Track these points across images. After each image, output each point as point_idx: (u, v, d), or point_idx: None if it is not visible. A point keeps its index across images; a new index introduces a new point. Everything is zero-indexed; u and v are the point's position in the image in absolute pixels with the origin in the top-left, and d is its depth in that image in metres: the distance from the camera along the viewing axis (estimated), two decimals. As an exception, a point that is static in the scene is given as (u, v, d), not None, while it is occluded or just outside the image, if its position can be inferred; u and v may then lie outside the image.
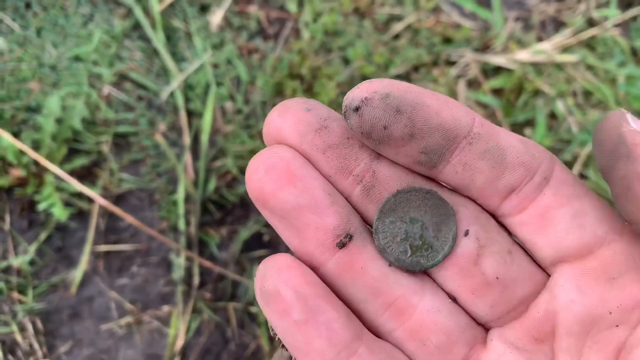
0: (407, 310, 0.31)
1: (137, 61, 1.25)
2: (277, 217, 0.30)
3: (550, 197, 0.31)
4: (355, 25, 1.31)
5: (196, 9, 1.29)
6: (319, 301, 0.30)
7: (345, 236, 0.30)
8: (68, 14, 1.27)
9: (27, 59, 1.21)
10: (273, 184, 0.29)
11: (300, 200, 0.29)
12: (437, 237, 0.31)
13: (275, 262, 0.30)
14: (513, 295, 0.32)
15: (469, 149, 0.30)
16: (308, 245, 0.30)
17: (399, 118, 0.29)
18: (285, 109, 0.30)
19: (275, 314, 0.30)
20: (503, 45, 1.34)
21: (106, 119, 1.19)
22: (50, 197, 1.08)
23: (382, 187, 0.31)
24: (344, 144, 0.30)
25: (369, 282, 0.31)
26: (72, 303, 1.11)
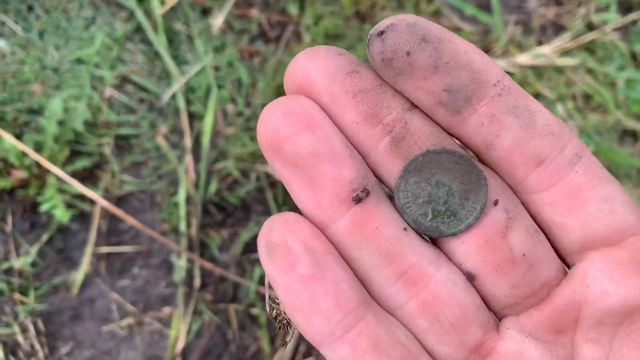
0: (421, 280, 0.29)
1: (138, 64, 1.26)
2: (290, 165, 0.27)
3: (582, 176, 0.29)
4: (356, 28, 1.32)
5: (198, 12, 1.30)
6: (328, 257, 0.28)
7: (362, 190, 0.28)
8: (70, 17, 1.27)
9: (30, 61, 1.22)
10: (290, 128, 0.27)
11: (318, 147, 0.27)
12: (463, 206, 0.29)
13: (284, 216, 0.28)
14: (536, 277, 0.30)
15: (497, 99, 0.28)
16: (322, 197, 0.28)
17: (424, 46, 0.27)
18: (315, 51, 0.28)
19: (280, 268, 0.27)
20: (503, 48, 1.34)
21: (108, 121, 1.20)
22: (52, 198, 1.09)
23: (412, 140, 0.28)
24: (376, 90, 0.28)
25: (383, 245, 0.28)
26: (73, 304, 1.11)
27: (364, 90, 0.27)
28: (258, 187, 1.19)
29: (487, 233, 0.29)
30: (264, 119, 0.27)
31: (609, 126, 1.33)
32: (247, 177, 1.20)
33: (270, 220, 0.28)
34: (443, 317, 0.29)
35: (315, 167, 0.27)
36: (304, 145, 0.27)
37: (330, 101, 0.28)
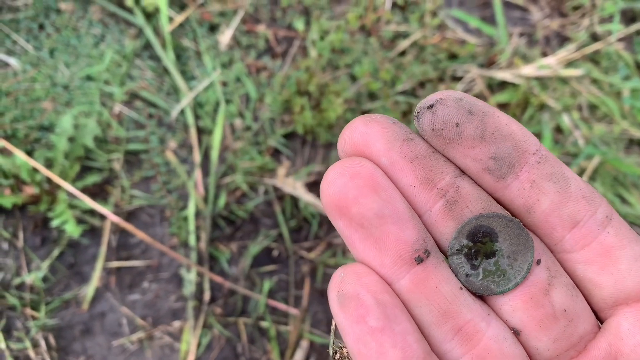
0: (475, 336, 0.31)
1: (147, 80, 1.27)
2: (355, 226, 0.29)
3: (613, 236, 0.31)
4: (362, 42, 1.33)
5: (205, 29, 1.32)
6: (396, 310, 0.29)
7: (424, 251, 0.30)
8: (80, 35, 1.30)
9: (41, 79, 1.24)
10: (357, 190, 0.29)
11: (384, 209, 0.29)
12: (512, 266, 0.31)
13: (355, 268, 0.30)
14: (576, 330, 0.32)
15: (537, 167, 0.30)
16: (385, 257, 0.29)
17: (471, 118, 0.29)
18: (372, 118, 0.30)
19: (351, 319, 0.29)
20: (508, 60, 1.35)
21: (118, 137, 1.21)
22: (63, 214, 1.10)
23: (464, 204, 0.31)
24: (430, 156, 0.30)
25: (441, 303, 0.30)
26: (84, 319, 1.12)
27: (420, 156, 0.30)
28: (266, 201, 1.20)
29: (531, 291, 0.31)
30: (330, 181, 0.29)
31: (615, 136, 1.33)
32: (255, 190, 1.21)
33: (341, 270, 0.30)
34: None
35: (380, 228, 0.29)
36: (370, 208, 0.29)
37: (388, 165, 0.30)
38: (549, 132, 1.28)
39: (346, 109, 1.26)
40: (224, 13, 1.34)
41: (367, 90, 1.27)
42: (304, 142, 1.27)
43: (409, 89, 1.31)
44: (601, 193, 1.24)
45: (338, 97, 1.22)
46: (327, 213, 0.29)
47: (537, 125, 1.29)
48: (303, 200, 1.17)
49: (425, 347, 0.30)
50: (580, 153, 1.27)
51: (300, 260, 1.18)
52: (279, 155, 1.25)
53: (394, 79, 1.31)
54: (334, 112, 1.21)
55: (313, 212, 1.18)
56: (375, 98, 1.30)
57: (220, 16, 1.33)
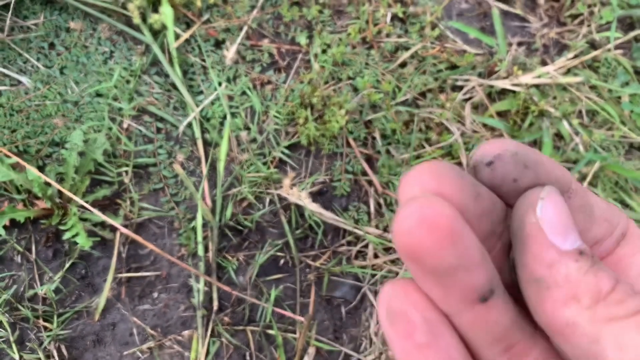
0: (524, 352, 0.32)
1: (155, 95, 1.31)
2: (429, 275, 0.29)
3: (624, 247, 0.33)
4: (363, 55, 1.36)
5: (211, 45, 1.35)
6: (441, 327, 0.31)
7: (489, 292, 0.30)
8: (89, 53, 1.33)
9: (51, 96, 1.27)
10: (434, 243, 0.28)
11: (459, 261, 0.29)
12: None
13: (404, 285, 0.31)
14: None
15: (569, 202, 0.33)
16: (451, 299, 0.30)
17: (527, 172, 0.31)
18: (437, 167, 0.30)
19: (400, 335, 0.30)
20: (507, 69, 1.38)
21: (127, 151, 1.24)
22: (74, 227, 1.13)
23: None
24: (494, 210, 0.31)
25: (498, 332, 0.31)
26: (95, 329, 1.14)
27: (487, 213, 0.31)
28: (272, 211, 1.23)
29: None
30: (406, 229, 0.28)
31: (615, 141, 1.35)
32: (261, 201, 1.23)
33: (390, 286, 0.31)
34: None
35: (449, 277, 0.30)
36: (446, 260, 0.29)
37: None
38: (549, 138, 1.30)
39: (349, 120, 1.28)
40: (229, 29, 1.37)
41: (369, 101, 1.30)
42: (308, 152, 1.29)
43: (410, 99, 1.34)
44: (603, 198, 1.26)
45: (341, 109, 1.25)
46: (399, 254, 0.30)
47: (537, 132, 1.31)
48: (308, 210, 1.20)
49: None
50: (581, 159, 1.29)
51: (306, 268, 1.20)
52: (284, 166, 1.28)
53: (395, 89, 1.34)
54: (337, 123, 1.23)
55: (318, 221, 1.20)
56: (377, 109, 1.32)
57: (225, 32, 1.37)
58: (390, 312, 0.30)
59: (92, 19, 1.37)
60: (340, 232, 1.23)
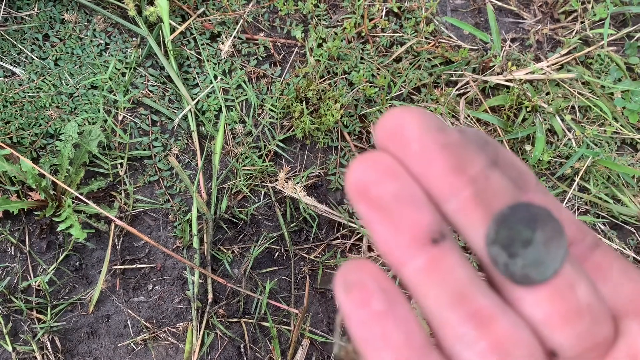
0: (492, 321, 0.30)
1: (150, 88, 1.30)
2: (374, 208, 0.30)
3: (601, 256, 0.33)
4: (358, 49, 1.37)
5: (206, 38, 1.35)
6: (399, 297, 0.30)
7: (439, 233, 0.30)
8: (84, 44, 1.33)
9: (46, 87, 1.27)
10: (376, 175, 0.30)
11: (402, 192, 0.30)
12: (548, 253, 0.31)
13: (360, 261, 0.32)
14: (600, 329, 0.31)
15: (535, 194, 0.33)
16: (401, 237, 0.30)
17: (488, 147, 0.32)
18: (409, 108, 0.32)
19: (356, 303, 0.30)
20: (501, 65, 1.38)
21: (122, 144, 1.24)
22: (68, 219, 1.13)
23: (492, 194, 0.31)
24: (462, 146, 0.31)
25: (456, 285, 0.30)
26: (89, 321, 1.14)
27: (452, 145, 0.31)
28: (267, 204, 1.23)
29: (557, 282, 0.31)
30: (353, 169, 0.31)
31: (608, 137, 1.36)
32: (256, 194, 1.24)
33: (347, 263, 0.32)
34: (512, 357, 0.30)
35: (397, 210, 0.30)
36: (388, 190, 0.30)
37: (420, 150, 0.31)
38: (542, 134, 1.31)
39: (344, 114, 1.29)
40: (224, 22, 1.37)
41: (364, 95, 1.30)
42: (303, 146, 1.29)
43: (405, 94, 1.35)
44: (594, 193, 1.27)
45: (336, 103, 1.25)
46: (351, 200, 0.31)
47: (531, 127, 1.33)
48: (303, 203, 1.20)
49: (426, 335, 0.31)
50: (573, 154, 1.30)
51: (301, 261, 1.21)
52: (279, 159, 1.28)
53: (390, 84, 1.34)
54: (332, 117, 1.24)
55: (313, 214, 1.21)
56: (372, 103, 1.33)
57: (220, 25, 1.37)
58: (347, 282, 0.30)
59: (87, 11, 1.37)
60: (335, 225, 1.23)
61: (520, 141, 1.34)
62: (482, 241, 0.31)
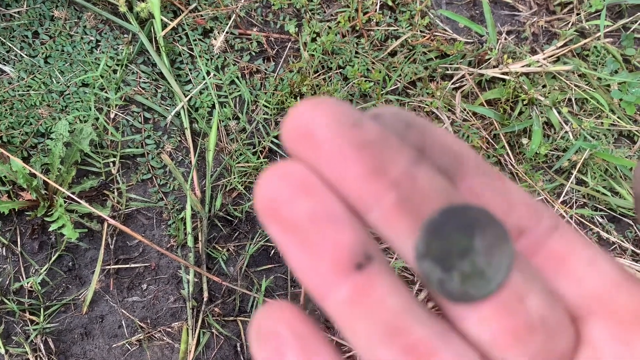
0: (431, 357, 0.26)
1: (142, 85, 1.29)
2: (287, 231, 0.26)
3: (561, 242, 0.29)
4: (353, 43, 1.35)
5: (199, 33, 1.34)
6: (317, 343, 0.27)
7: (364, 256, 0.26)
8: (75, 42, 1.31)
9: (36, 85, 1.25)
10: (288, 191, 0.26)
11: (317, 211, 0.26)
12: (490, 264, 0.26)
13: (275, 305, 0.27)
14: (556, 345, 0.28)
15: (476, 178, 0.29)
16: (320, 264, 0.26)
17: (410, 131, 0.28)
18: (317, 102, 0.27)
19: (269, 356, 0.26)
20: (497, 58, 1.37)
21: (114, 142, 1.22)
22: (60, 218, 1.11)
23: (421, 196, 0.27)
24: (381, 142, 0.27)
25: (388, 317, 0.26)
26: (83, 322, 1.12)
27: (369, 143, 0.26)
28: (262, 201, 1.21)
29: (503, 297, 0.27)
30: (261, 184, 0.26)
31: (605, 129, 1.35)
32: (251, 191, 1.22)
33: (262, 307, 0.27)
34: None
35: (314, 232, 0.26)
36: (301, 209, 0.26)
37: (333, 153, 0.27)
38: (539, 127, 1.30)
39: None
40: (217, 17, 1.36)
41: (359, 90, 1.29)
42: (298, 142, 1.28)
43: (401, 88, 1.33)
44: (592, 186, 1.26)
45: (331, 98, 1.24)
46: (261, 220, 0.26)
47: (527, 120, 1.31)
48: (298, 199, 1.19)
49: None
50: (570, 147, 1.29)
51: (297, 258, 1.19)
52: (274, 156, 1.26)
53: (385, 78, 1.33)
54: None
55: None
56: (367, 98, 1.31)
57: (213, 20, 1.35)
58: (259, 333, 0.27)
59: (77, 7, 1.35)
60: (331, 221, 1.22)
61: (517, 134, 1.32)
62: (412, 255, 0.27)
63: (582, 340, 0.29)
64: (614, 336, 0.28)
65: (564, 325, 0.28)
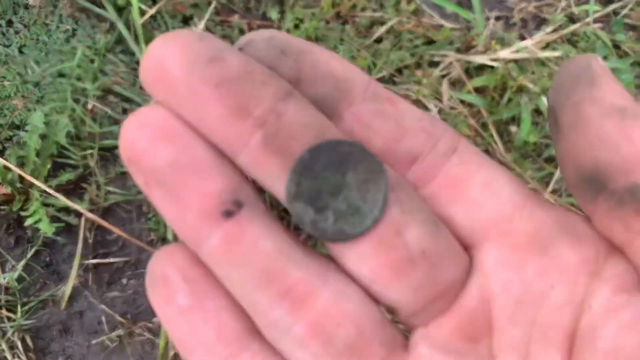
0: (309, 298, 0.25)
1: (121, 75, 1.25)
2: (153, 182, 0.24)
3: (458, 165, 0.27)
4: (337, 30, 1.32)
5: (178, 21, 1.30)
6: (207, 286, 0.26)
7: (233, 203, 0.25)
8: (50, 31, 1.27)
9: (10, 76, 1.21)
10: (146, 140, 0.24)
11: (179, 158, 0.24)
12: (365, 199, 0.25)
13: (169, 248, 0.27)
14: (441, 276, 0.26)
15: (363, 105, 0.26)
16: (188, 216, 0.24)
17: (285, 60, 0.25)
18: (172, 36, 0.24)
19: (161, 300, 0.26)
20: (485, 44, 1.34)
21: (91, 133, 1.19)
22: (36, 213, 1.08)
23: (288, 134, 0.25)
24: (243, 78, 0.24)
25: (262, 262, 0.25)
26: (62, 318, 1.10)
27: (229, 80, 0.24)
28: (245, 192, 1.19)
29: (379, 232, 0.26)
30: (122, 134, 0.25)
31: (594, 116, 1.33)
32: (233, 182, 1.20)
33: (156, 253, 0.27)
34: (336, 338, 0.25)
35: (178, 181, 0.24)
36: (162, 157, 0.24)
37: (189, 94, 0.24)
38: (527, 115, 1.27)
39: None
40: (197, 4, 1.32)
41: (344, 78, 1.26)
42: (281, 131, 1.25)
43: (387, 76, 1.30)
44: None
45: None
46: (129, 171, 0.25)
47: (516, 108, 1.29)
48: (281, 191, 1.16)
49: (245, 323, 0.26)
50: (559, 134, 1.27)
51: (281, 251, 1.17)
52: (257, 146, 1.24)
53: (370, 66, 1.30)
54: (311, 101, 1.19)
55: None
56: (352, 86, 1.28)
57: (192, 8, 1.31)
58: (152, 278, 0.26)
59: (53, -5, 1.31)
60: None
61: (505, 122, 1.30)
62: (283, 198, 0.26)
63: (474, 267, 0.27)
64: (504, 261, 0.26)
65: (451, 254, 0.26)
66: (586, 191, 0.26)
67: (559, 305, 0.25)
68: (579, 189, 0.26)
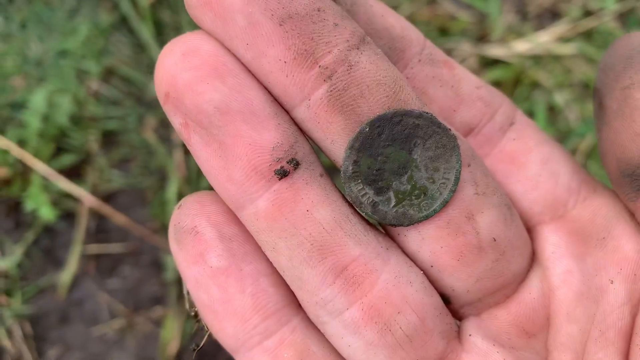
0: (367, 279, 0.22)
1: (125, 55, 1.21)
2: (195, 125, 0.21)
3: (515, 140, 0.25)
4: (350, 17, 1.29)
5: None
6: (247, 247, 0.22)
7: (289, 161, 0.21)
8: (53, 8, 1.23)
9: (11, 54, 1.17)
10: (192, 72, 0.20)
11: (230, 102, 0.20)
12: (433, 179, 0.22)
13: (197, 196, 0.23)
14: (508, 267, 0.24)
15: (419, 68, 0.23)
16: (235, 169, 0.21)
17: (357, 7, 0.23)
18: None
19: (188, 258, 0.22)
20: (500, 36, 1.31)
21: (94, 116, 1.15)
22: (37, 197, 1.05)
23: (359, 92, 0.21)
24: (312, 16, 0.20)
25: (315, 233, 0.21)
26: (61, 306, 1.07)
27: (296, 16, 0.20)
28: (251, 182, 1.16)
29: (449, 213, 0.23)
30: (160, 62, 0.21)
31: (609, 114, 1.31)
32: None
33: (183, 200, 0.23)
34: (396, 326, 0.22)
35: (226, 127, 0.20)
36: (209, 98, 0.20)
37: (246, 27, 0.20)
38: (542, 110, 1.25)
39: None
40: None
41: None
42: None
43: (399, 66, 1.27)
44: (594, 173, 1.22)
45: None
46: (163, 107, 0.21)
47: (530, 103, 1.26)
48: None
49: (287, 295, 0.22)
50: (573, 131, 1.25)
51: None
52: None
53: (383, 55, 1.27)
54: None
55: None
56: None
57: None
58: (178, 229, 0.23)
59: (56, -29, 1.26)
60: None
61: (518, 118, 1.28)
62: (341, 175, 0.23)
63: (535, 255, 0.25)
64: (563, 249, 0.24)
65: (520, 244, 0.24)
66: (629, 187, 0.24)
67: (619, 304, 0.23)
68: (620, 184, 0.24)
